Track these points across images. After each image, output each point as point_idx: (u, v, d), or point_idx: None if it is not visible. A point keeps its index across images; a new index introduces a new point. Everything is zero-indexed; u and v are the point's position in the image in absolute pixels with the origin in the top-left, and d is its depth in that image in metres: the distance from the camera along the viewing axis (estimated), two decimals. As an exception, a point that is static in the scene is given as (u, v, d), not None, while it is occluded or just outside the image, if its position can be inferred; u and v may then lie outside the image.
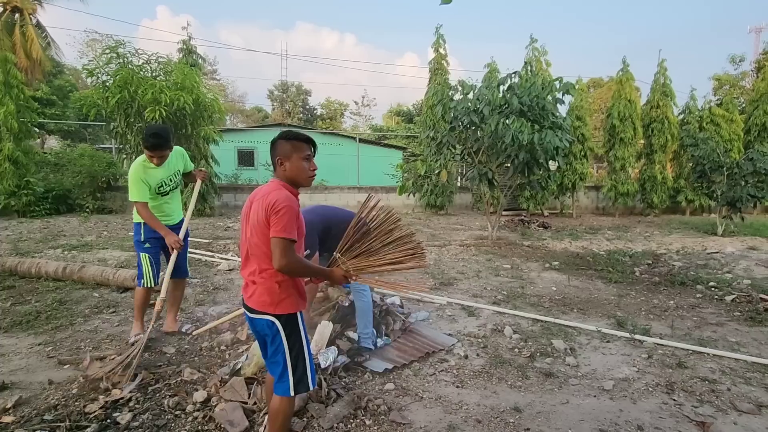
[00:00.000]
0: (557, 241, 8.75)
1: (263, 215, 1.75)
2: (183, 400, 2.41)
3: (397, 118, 33.64)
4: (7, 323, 3.65)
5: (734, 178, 9.50)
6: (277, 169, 1.86)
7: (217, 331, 3.53)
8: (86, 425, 2.15)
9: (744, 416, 2.46)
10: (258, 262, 1.82)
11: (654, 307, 4.49)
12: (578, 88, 13.62)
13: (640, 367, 3.08)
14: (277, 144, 1.86)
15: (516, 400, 2.61)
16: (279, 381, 1.84)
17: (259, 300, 1.82)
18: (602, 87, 29.33)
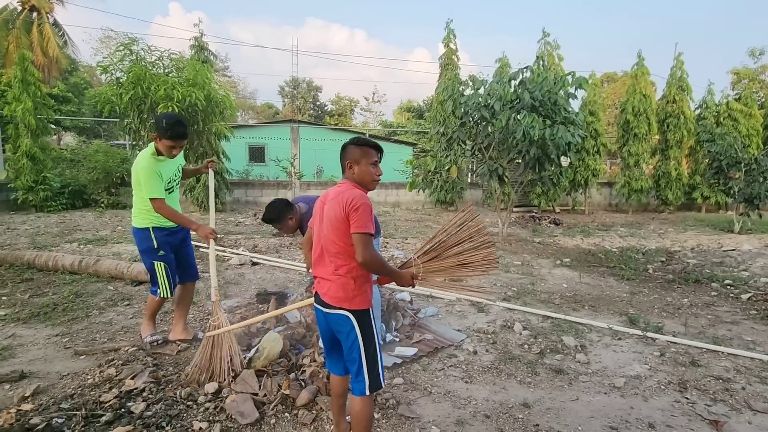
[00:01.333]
0: (569, 238, 8.66)
1: (341, 212, 1.81)
2: (195, 391, 2.45)
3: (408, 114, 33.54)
4: (26, 314, 3.74)
5: (752, 175, 9.28)
6: (347, 171, 1.94)
7: (228, 324, 3.58)
8: (101, 414, 2.20)
9: (759, 415, 2.42)
10: (334, 260, 1.86)
11: (667, 305, 4.43)
12: (591, 83, 13.42)
13: (652, 364, 3.04)
14: (348, 149, 1.94)
15: (525, 396, 2.60)
16: (356, 380, 1.88)
17: (335, 296, 1.85)
18: (616, 81, 28.85)
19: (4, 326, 3.52)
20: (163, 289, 3.03)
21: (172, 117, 2.97)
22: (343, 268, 1.84)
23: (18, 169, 9.80)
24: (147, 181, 2.82)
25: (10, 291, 4.42)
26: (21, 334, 3.37)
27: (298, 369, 2.70)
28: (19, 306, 3.98)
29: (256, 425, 2.21)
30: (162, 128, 2.82)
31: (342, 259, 1.84)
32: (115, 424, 2.11)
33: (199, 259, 6.15)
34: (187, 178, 4.91)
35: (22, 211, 10.30)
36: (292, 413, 2.33)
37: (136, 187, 2.91)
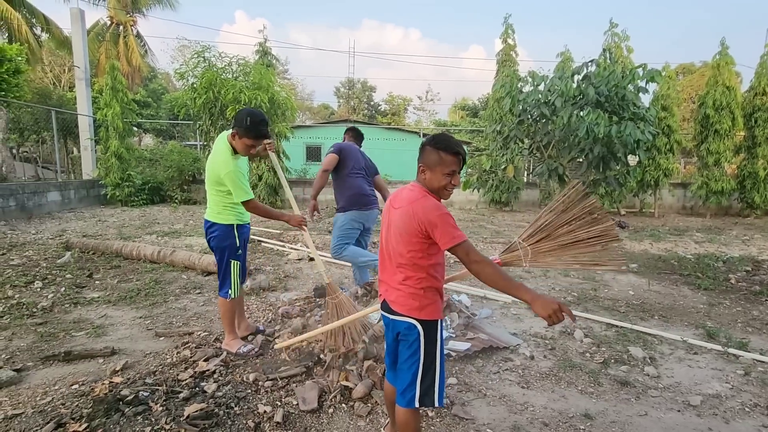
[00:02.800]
0: (636, 242, 8.09)
1: (416, 227, 1.68)
2: (260, 377, 2.61)
3: (462, 112, 33.02)
4: (115, 297, 4.19)
5: None
6: (419, 174, 1.78)
7: (288, 316, 3.76)
8: (179, 390, 2.42)
9: None
10: (402, 270, 1.76)
11: (753, 319, 4.02)
12: (665, 75, 12.41)
13: (734, 384, 2.78)
14: (425, 150, 1.75)
15: (587, 406, 2.49)
16: (403, 392, 1.76)
17: (405, 303, 1.76)
18: (694, 73, 26.46)
19: (98, 307, 3.97)
20: (234, 290, 2.97)
21: (256, 115, 2.79)
22: (411, 279, 1.74)
23: (108, 168, 10.94)
24: (236, 184, 2.75)
25: (102, 276, 4.96)
26: (111, 315, 3.78)
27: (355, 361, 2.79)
28: (109, 290, 4.46)
29: (316, 413, 2.32)
30: (246, 126, 2.69)
31: (410, 270, 1.74)
32: (190, 401, 2.31)
33: (271, 252, 6.52)
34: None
35: (111, 205, 11.48)
36: (348, 405, 2.41)
37: (214, 184, 2.84)
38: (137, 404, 2.26)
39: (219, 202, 2.89)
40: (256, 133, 2.76)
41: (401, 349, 1.79)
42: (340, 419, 2.30)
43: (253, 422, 2.19)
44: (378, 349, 2.85)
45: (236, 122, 2.76)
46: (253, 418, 2.23)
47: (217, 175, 2.79)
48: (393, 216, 1.80)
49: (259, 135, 2.79)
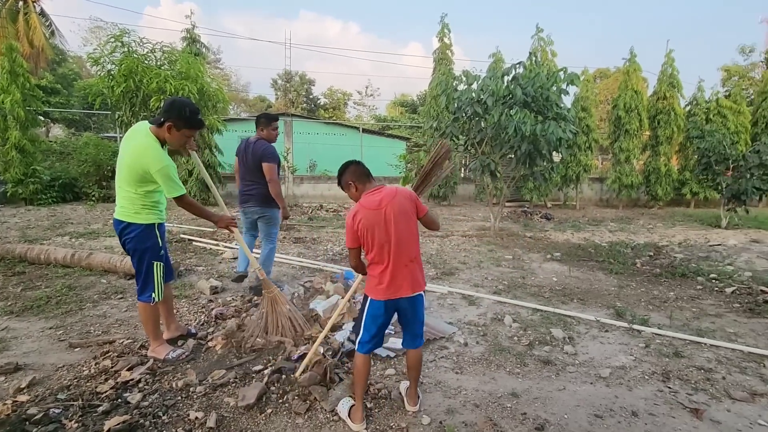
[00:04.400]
0: (559, 233, 8.77)
1: (410, 205, 2.24)
2: (191, 383, 2.49)
3: (401, 108, 33.50)
4: (19, 308, 3.75)
5: (740, 171, 9.45)
6: (349, 190, 2.33)
7: (222, 317, 3.61)
8: (98, 404, 2.23)
9: (737, 404, 2.52)
10: (413, 248, 2.24)
11: (654, 298, 4.54)
12: (584, 79, 13.50)
13: (637, 355, 3.13)
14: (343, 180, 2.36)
15: (514, 386, 2.67)
16: (419, 338, 2.35)
17: (418, 280, 2.25)
18: (609, 78, 29.02)
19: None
20: (158, 292, 2.81)
21: (192, 104, 2.71)
22: (419, 256, 2.28)
23: (7, 162, 9.69)
24: (171, 179, 2.58)
25: (2, 284, 4.41)
26: (14, 327, 3.37)
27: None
28: (11, 299, 3.97)
29: (253, 415, 2.26)
30: (186, 117, 2.60)
31: (417, 246, 2.26)
32: (112, 413, 2.15)
33: (203, 251, 6.17)
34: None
35: (12, 204, 10.19)
36: (288, 403, 2.38)
37: (137, 181, 2.62)
38: (47, 423, 2.05)
39: (136, 200, 2.68)
40: (197, 124, 2.67)
41: (417, 314, 2.28)
42: (278, 419, 2.26)
43: (184, 430, 2.08)
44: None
45: (172, 113, 2.60)
46: (184, 426, 2.12)
47: (144, 171, 2.57)
48: (392, 210, 2.16)
49: (200, 125, 2.71)
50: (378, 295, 2.19)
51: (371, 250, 2.18)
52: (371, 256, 2.19)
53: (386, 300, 2.18)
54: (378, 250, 2.16)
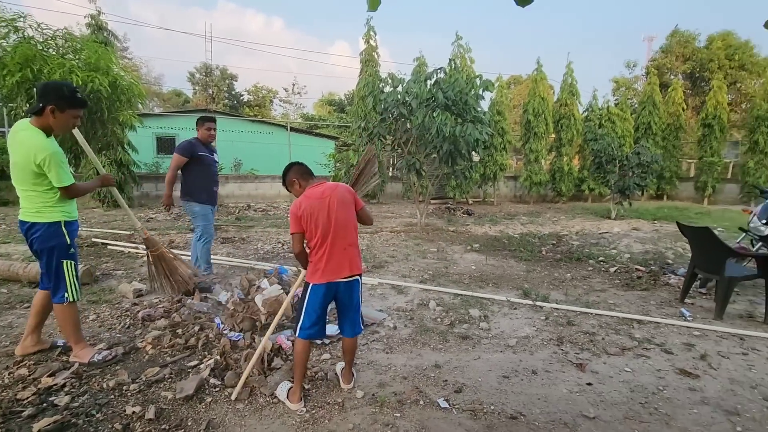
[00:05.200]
0: (479, 226, 9.54)
1: (350, 197, 2.50)
2: (124, 382, 2.46)
3: (329, 107, 33.42)
4: None
5: (624, 170, 10.99)
6: (293, 188, 2.56)
7: (150, 319, 3.52)
8: (21, 410, 2.14)
9: (612, 357, 3.10)
10: (352, 234, 2.46)
11: (554, 279, 5.23)
12: (498, 85, 14.71)
13: (538, 326, 3.66)
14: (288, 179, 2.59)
15: (437, 359, 3.01)
16: (357, 326, 2.55)
17: (356, 264, 2.46)
18: (521, 84, 31.62)
19: None
20: (72, 292, 2.70)
21: (68, 83, 2.74)
22: (356, 241, 2.49)
23: None
24: (60, 166, 2.50)
25: None
26: None
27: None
28: None
29: (192, 404, 2.32)
30: (66, 96, 2.53)
31: (355, 232, 2.49)
32: (39, 417, 2.08)
33: (121, 255, 5.77)
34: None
35: None
36: (226, 390, 2.46)
37: (31, 178, 2.51)
38: (-38, 434, 1.94)
39: (36, 198, 2.58)
40: (80, 102, 2.63)
41: (353, 299, 2.48)
42: (218, 407, 2.34)
43: (121, 424, 2.09)
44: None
45: (50, 96, 2.51)
46: (120, 421, 2.12)
47: (34, 164, 2.46)
48: (332, 201, 2.38)
49: (84, 103, 2.67)
50: (318, 279, 2.35)
51: (314, 236, 2.35)
52: (313, 242, 2.36)
53: (327, 283, 2.36)
54: (320, 235, 2.34)
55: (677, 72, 24.16)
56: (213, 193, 4.58)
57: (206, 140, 4.50)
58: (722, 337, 3.50)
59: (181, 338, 3.09)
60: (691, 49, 24.00)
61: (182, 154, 4.34)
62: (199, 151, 4.40)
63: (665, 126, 16.15)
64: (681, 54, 24.27)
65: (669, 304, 4.30)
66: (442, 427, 2.23)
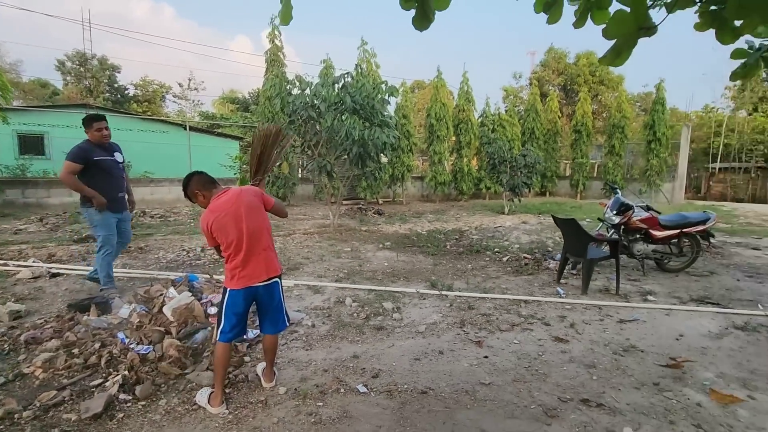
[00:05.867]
0: (390, 225, 9.99)
1: (256, 200, 2.49)
2: (14, 410, 2.23)
3: (231, 105, 31.73)
4: None
5: (514, 170, 12.36)
6: (197, 198, 2.50)
7: (36, 341, 3.16)
8: None
9: (503, 333, 3.59)
10: (266, 238, 2.48)
11: (458, 270, 5.77)
12: (403, 90, 15.47)
13: (444, 313, 4.06)
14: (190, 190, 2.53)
15: (354, 350, 3.21)
16: (282, 321, 2.60)
17: (273, 266, 2.50)
18: (424, 89, 33.43)
19: None
20: None
21: None
22: (271, 243, 2.54)
23: None
24: None
25: None
26: None
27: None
28: None
29: (103, 423, 2.20)
30: None
31: (270, 235, 2.53)
32: None
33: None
34: None
35: None
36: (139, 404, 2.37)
37: None
38: None
39: None
40: None
41: (274, 299, 2.53)
42: (132, 421, 2.25)
43: (16, 455, 1.92)
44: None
45: None
46: (15, 451, 1.94)
47: None
48: (241, 207, 2.39)
49: None
50: (236, 285, 2.39)
51: (228, 248, 2.38)
52: (228, 252, 2.39)
53: (244, 288, 2.40)
54: (235, 246, 2.37)
55: (553, 84, 27.66)
56: (117, 199, 4.22)
57: (99, 142, 4.12)
58: (586, 308, 4.26)
59: (79, 357, 2.85)
60: (563, 65, 27.66)
61: (74, 161, 3.93)
62: (95, 155, 4.04)
63: (546, 131, 18.41)
64: (556, 68, 27.84)
65: (548, 285, 5.05)
66: (362, 409, 2.43)
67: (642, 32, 1.75)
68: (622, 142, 16.69)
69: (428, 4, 1.87)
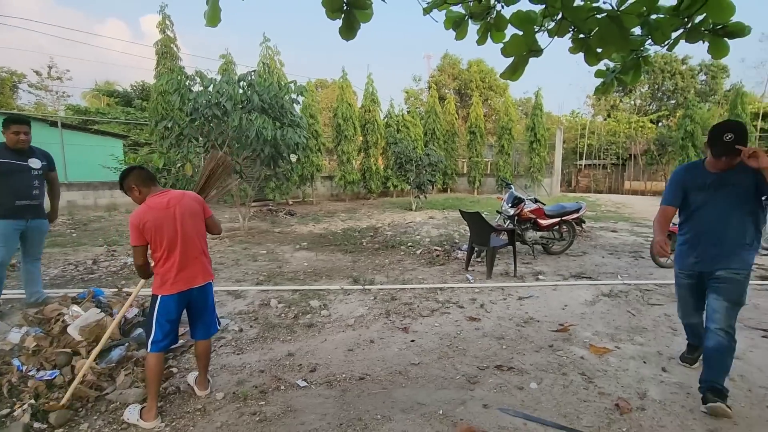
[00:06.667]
0: (303, 225, 9.94)
1: (197, 206, 2.49)
2: None
3: (109, 99, 28.09)
4: None
5: (419, 168, 13.12)
6: (132, 193, 2.42)
7: None
8: None
9: (425, 318, 3.93)
10: (200, 244, 2.47)
11: (377, 265, 6.05)
12: (309, 90, 15.38)
13: (369, 305, 4.28)
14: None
15: (288, 349, 3.26)
16: (213, 324, 2.59)
17: (208, 270, 2.51)
18: (327, 88, 33.40)
19: None
20: None
21: None
22: (205, 247, 2.53)
23: None
24: None
25: None
26: None
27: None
28: None
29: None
30: None
31: (204, 241, 2.53)
32: None
33: None
34: None
35: None
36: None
37: None
38: None
39: None
40: None
41: (208, 302, 2.53)
42: (48, 452, 2.05)
43: None
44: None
45: None
46: None
47: None
48: (180, 211, 2.37)
49: None
50: (169, 290, 2.31)
51: (159, 248, 2.28)
52: (159, 254, 2.29)
53: (178, 293, 2.33)
54: (167, 248, 2.30)
55: (450, 88, 29.74)
56: (16, 208, 3.73)
57: (15, 146, 3.72)
58: (492, 290, 4.83)
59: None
60: (457, 70, 29.87)
61: None
62: (1, 157, 3.65)
63: (445, 132, 19.78)
64: (451, 73, 29.95)
65: (459, 273, 5.58)
66: (305, 401, 2.52)
67: (532, 53, 2.15)
68: (509, 142, 18.68)
69: (354, 16, 2.03)
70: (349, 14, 2.01)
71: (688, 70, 27.06)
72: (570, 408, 2.46)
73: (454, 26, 2.21)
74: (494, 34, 2.19)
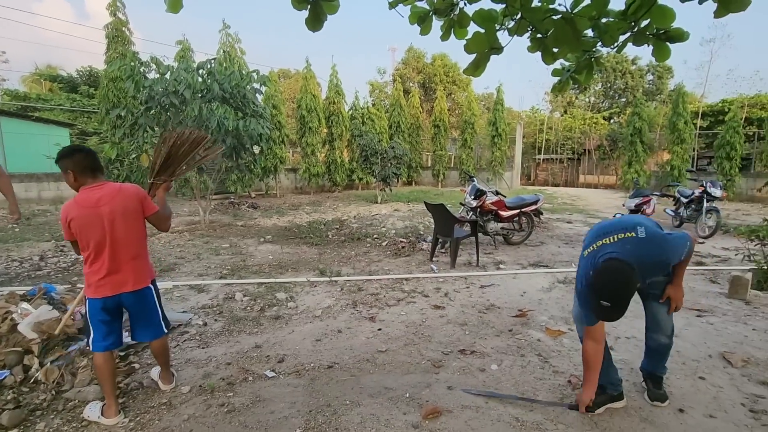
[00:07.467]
0: (267, 218, 9.78)
1: (133, 204, 2.23)
2: None
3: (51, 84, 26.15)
4: None
5: (384, 161, 13.19)
6: (94, 173, 2.21)
7: None
8: None
9: (392, 307, 4.02)
10: (135, 246, 2.26)
11: (343, 257, 6.07)
12: (272, 80, 15.03)
13: (336, 297, 4.32)
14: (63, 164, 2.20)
15: (255, 341, 3.25)
16: (157, 327, 2.41)
17: (143, 275, 2.30)
18: (290, 78, 32.70)
19: None
20: None
21: None
22: (143, 250, 2.33)
23: None
24: None
25: None
26: None
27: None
28: None
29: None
30: None
31: (141, 244, 2.30)
32: None
33: None
34: None
35: None
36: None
37: None
38: None
39: None
40: None
41: (146, 308, 2.34)
42: (2, 454, 1.96)
43: None
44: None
45: None
46: None
47: None
48: (113, 208, 2.16)
49: None
50: (96, 294, 2.17)
51: (87, 248, 2.15)
52: (87, 254, 2.16)
53: (104, 297, 2.19)
54: (94, 250, 2.16)
55: (414, 81, 29.92)
56: None
57: None
58: (455, 279, 4.99)
59: None
60: (422, 64, 30.07)
61: None
62: None
63: (410, 125, 19.93)
64: (416, 67, 30.11)
65: (424, 264, 5.71)
66: (274, 391, 2.54)
67: (493, 51, 2.25)
68: (472, 136, 19.10)
69: (320, 8, 2.05)
70: (315, 5, 2.02)
71: (637, 70, 28.66)
72: (527, 386, 2.62)
73: (418, 21, 2.27)
74: (457, 31, 2.26)
